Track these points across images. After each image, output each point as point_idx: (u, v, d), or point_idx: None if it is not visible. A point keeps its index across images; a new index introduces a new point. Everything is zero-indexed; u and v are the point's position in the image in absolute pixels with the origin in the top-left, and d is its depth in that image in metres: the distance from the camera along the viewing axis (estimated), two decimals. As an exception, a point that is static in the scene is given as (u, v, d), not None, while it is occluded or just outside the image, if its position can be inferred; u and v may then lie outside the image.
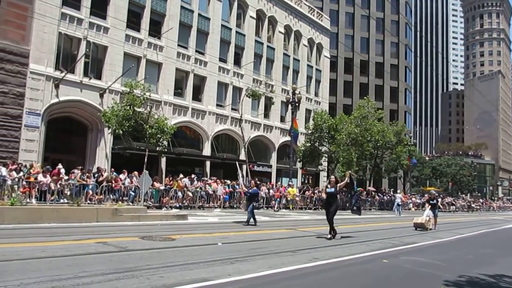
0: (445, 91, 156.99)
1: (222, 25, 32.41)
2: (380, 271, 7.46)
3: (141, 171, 18.69)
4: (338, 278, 6.67)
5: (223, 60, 32.39)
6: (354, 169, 34.13)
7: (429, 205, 17.81)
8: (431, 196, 18.68)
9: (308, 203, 28.72)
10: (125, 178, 19.38)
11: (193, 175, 22.97)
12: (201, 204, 21.59)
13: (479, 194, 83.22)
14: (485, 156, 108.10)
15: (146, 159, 20.51)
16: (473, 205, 52.41)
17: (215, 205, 22.36)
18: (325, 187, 13.45)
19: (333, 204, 11.16)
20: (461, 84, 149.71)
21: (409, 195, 47.49)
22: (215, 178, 24.98)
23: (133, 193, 19.00)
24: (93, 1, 24.11)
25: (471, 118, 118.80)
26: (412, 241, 12.26)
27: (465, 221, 26.73)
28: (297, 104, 30.75)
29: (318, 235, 11.69)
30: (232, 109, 32.44)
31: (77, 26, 23.42)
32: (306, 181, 41.06)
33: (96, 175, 18.71)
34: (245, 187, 17.12)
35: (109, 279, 5.27)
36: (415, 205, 41.00)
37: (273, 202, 25.57)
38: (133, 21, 26.38)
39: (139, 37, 26.59)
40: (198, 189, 21.71)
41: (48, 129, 22.56)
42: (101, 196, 17.66)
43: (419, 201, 42.03)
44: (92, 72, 24.12)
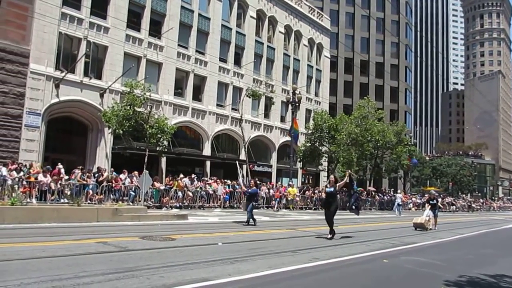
0: (445, 91, 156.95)
1: (222, 25, 32.42)
2: (380, 271, 7.46)
3: (141, 171, 18.71)
4: (338, 278, 6.67)
5: (223, 60, 32.40)
6: (354, 169, 34.13)
7: (429, 205, 17.81)
8: (431, 196, 18.70)
9: (309, 203, 28.73)
10: (125, 178, 19.40)
11: (193, 175, 22.98)
12: (201, 204, 21.60)
13: (479, 194, 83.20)
14: (486, 156, 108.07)
15: (146, 159, 20.53)
16: (474, 205, 52.38)
17: (215, 205, 22.37)
18: (324, 186, 13.46)
19: (332, 204, 11.15)
20: (461, 84, 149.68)
21: (410, 195, 47.47)
22: (215, 178, 25.02)
23: (133, 193, 19.01)
24: (93, 1, 24.12)
25: (471, 118, 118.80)
26: (412, 241, 12.25)
27: (465, 221, 26.72)
28: (297, 104, 30.77)
29: (318, 235, 11.68)
30: (232, 109, 32.44)
31: (77, 26, 23.43)
32: (306, 181, 41.06)
33: (96, 175, 18.72)
34: (245, 187, 17.13)
35: (109, 279, 5.27)
36: (415, 205, 41.00)
37: (273, 202, 25.58)
38: (133, 21, 26.39)
39: (139, 37, 26.60)
40: (198, 189, 21.72)
41: (49, 129, 22.58)
42: (101, 196, 17.67)
43: (419, 201, 42.01)
44: (92, 72, 24.13)
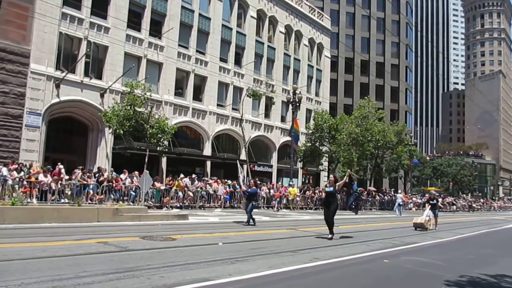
0: (445, 91, 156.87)
1: (223, 25, 32.42)
2: (380, 271, 7.46)
3: (141, 171, 18.73)
4: (339, 278, 6.67)
5: (223, 60, 32.40)
6: (354, 169, 34.14)
7: (429, 205, 17.82)
8: (431, 196, 18.71)
9: (309, 203, 28.73)
10: (126, 178, 19.40)
11: (193, 175, 22.99)
12: (201, 204, 21.61)
13: (480, 194, 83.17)
14: (486, 156, 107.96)
15: (146, 159, 20.53)
16: (474, 205, 52.36)
17: (216, 205, 22.37)
18: (324, 186, 13.45)
19: (332, 204, 11.14)
20: (462, 84, 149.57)
21: (410, 195, 47.46)
22: (215, 178, 25.03)
23: (133, 193, 19.02)
24: (93, 1, 24.12)
25: (472, 118, 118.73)
26: (413, 241, 12.25)
27: (465, 221, 26.71)
28: (297, 104, 30.77)
29: (318, 235, 11.68)
30: (233, 109, 32.45)
31: (77, 26, 23.44)
32: (306, 181, 41.05)
33: (96, 175, 18.73)
34: (245, 186, 17.12)
35: (109, 279, 5.27)
36: (415, 205, 41.00)
37: (273, 202, 25.59)
38: (134, 21, 26.40)
39: (139, 37, 26.60)
40: (198, 189, 21.72)
41: (49, 129, 22.59)
42: (101, 196, 17.68)
43: (419, 201, 42.00)
44: (93, 72, 24.14)
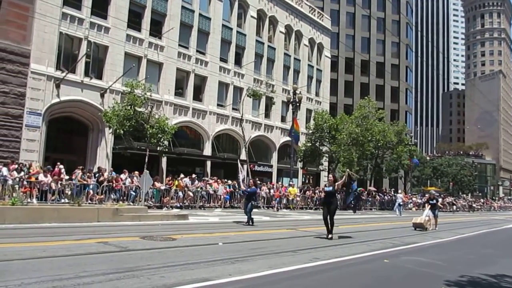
0: (446, 91, 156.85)
1: (223, 25, 32.42)
2: (381, 271, 7.45)
3: (142, 171, 18.73)
4: (339, 278, 6.66)
5: (224, 60, 32.40)
6: (355, 169, 34.14)
7: (428, 205, 17.82)
8: (430, 196, 18.72)
9: (309, 203, 28.73)
10: (126, 178, 19.40)
11: (193, 175, 23.00)
12: (202, 204, 21.61)
13: (480, 194, 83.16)
14: (486, 156, 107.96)
15: (147, 159, 20.52)
16: (474, 205, 52.34)
17: (216, 205, 22.37)
18: (324, 186, 13.46)
19: (332, 203, 11.12)
20: (462, 84, 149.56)
21: (410, 195, 47.46)
22: (215, 178, 25.03)
23: (134, 193, 19.02)
24: (94, 1, 24.13)
25: (472, 118, 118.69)
26: (413, 241, 12.24)
27: (465, 221, 26.70)
28: (298, 104, 30.76)
29: (319, 235, 11.67)
30: (233, 109, 32.45)
31: (78, 26, 23.45)
32: (306, 181, 41.06)
33: (97, 175, 18.73)
34: (244, 186, 17.11)
35: (110, 279, 5.27)
36: (415, 205, 40.99)
37: (274, 202, 25.59)
38: (134, 21, 26.40)
39: (140, 37, 26.61)
40: (199, 189, 21.73)
41: (49, 129, 22.60)
42: (102, 196, 17.68)
43: (419, 201, 41.99)
44: (93, 72, 24.14)
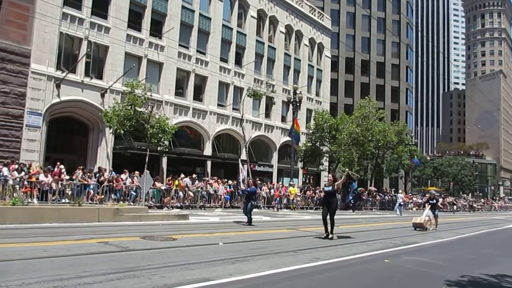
0: (446, 90, 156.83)
1: (223, 25, 32.42)
2: (381, 271, 7.45)
3: (142, 171, 18.73)
4: (339, 278, 6.66)
5: (224, 60, 32.40)
6: (355, 169, 34.12)
7: (429, 205, 17.82)
8: (430, 196, 18.78)
9: (309, 203, 28.73)
10: (127, 178, 19.42)
11: (194, 175, 23.00)
12: (202, 204, 21.62)
13: (480, 194, 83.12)
14: (487, 156, 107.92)
15: (147, 159, 20.51)
16: (475, 205, 52.35)
17: (216, 205, 22.37)
18: (323, 186, 13.46)
19: (332, 203, 11.10)
20: (463, 84, 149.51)
21: (411, 195, 47.46)
22: (216, 178, 25.03)
23: (134, 193, 19.03)
24: (94, 1, 24.12)
25: (472, 118, 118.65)
26: (413, 241, 12.24)
27: (466, 221, 26.69)
28: (298, 104, 30.77)
29: (319, 235, 11.66)
30: (233, 109, 32.45)
31: (78, 26, 23.45)
32: (307, 181, 41.07)
33: (97, 175, 18.73)
34: (244, 186, 17.11)
35: (110, 279, 5.27)
36: (416, 205, 40.97)
37: (274, 202, 25.58)
38: (134, 21, 26.40)
39: (140, 37, 26.61)
40: (199, 189, 21.73)
41: (50, 129, 22.60)
42: (102, 196, 17.69)
43: (420, 201, 41.98)
44: (93, 72, 24.15)
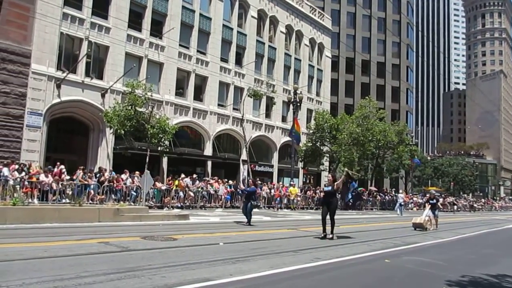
0: (446, 90, 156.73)
1: (224, 25, 32.42)
2: (382, 271, 7.45)
3: (142, 171, 18.74)
4: (340, 278, 6.66)
5: (224, 60, 32.40)
6: (355, 169, 34.14)
7: (429, 204, 17.82)
8: (431, 196, 18.81)
9: (310, 203, 28.74)
10: (127, 178, 19.43)
11: (194, 175, 23.01)
12: (202, 204, 21.62)
13: (481, 194, 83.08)
14: (487, 156, 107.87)
15: (147, 159, 20.52)
16: (475, 205, 52.33)
17: (217, 205, 22.37)
18: (323, 185, 13.45)
19: (331, 203, 11.08)
20: (463, 84, 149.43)
21: (411, 195, 47.45)
22: (216, 178, 25.04)
23: (134, 193, 19.04)
24: (94, 1, 24.12)
25: (473, 118, 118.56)
26: (414, 241, 12.23)
27: (466, 221, 26.68)
28: (298, 104, 30.78)
29: (319, 235, 11.66)
30: (234, 109, 32.46)
31: (78, 26, 23.46)
32: (307, 181, 41.06)
33: (97, 175, 18.74)
34: (244, 185, 17.12)
35: (111, 279, 5.27)
36: (416, 205, 40.97)
37: (274, 202, 25.59)
38: (135, 21, 26.41)
39: (140, 37, 26.62)
40: (199, 189, 21.74)
41: (50, 129, 22.60)
42: (102, 196, 17.70)
43: (420, 200, 41.98)
44: (94, 72, 24.15)
